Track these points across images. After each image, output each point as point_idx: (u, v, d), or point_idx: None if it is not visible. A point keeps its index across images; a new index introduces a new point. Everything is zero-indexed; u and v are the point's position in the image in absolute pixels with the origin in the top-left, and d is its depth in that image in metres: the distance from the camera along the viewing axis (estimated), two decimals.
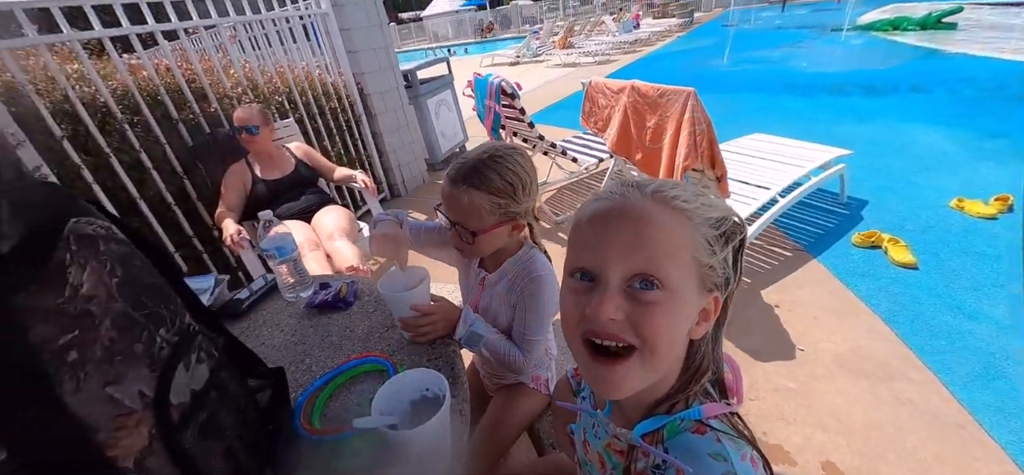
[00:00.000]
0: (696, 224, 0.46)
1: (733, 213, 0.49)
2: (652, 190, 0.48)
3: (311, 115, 3.21)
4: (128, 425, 0.43)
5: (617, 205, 0.47)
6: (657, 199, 0.47)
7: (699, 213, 0.46)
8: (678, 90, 1.71)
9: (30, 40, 1.88)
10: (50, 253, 0.43)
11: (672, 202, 0.46)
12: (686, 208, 0.46)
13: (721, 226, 0.47)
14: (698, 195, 0.48)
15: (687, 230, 0.45)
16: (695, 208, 0.46)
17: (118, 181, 2.06)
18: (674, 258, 0.44)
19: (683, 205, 0.46)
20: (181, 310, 0.54)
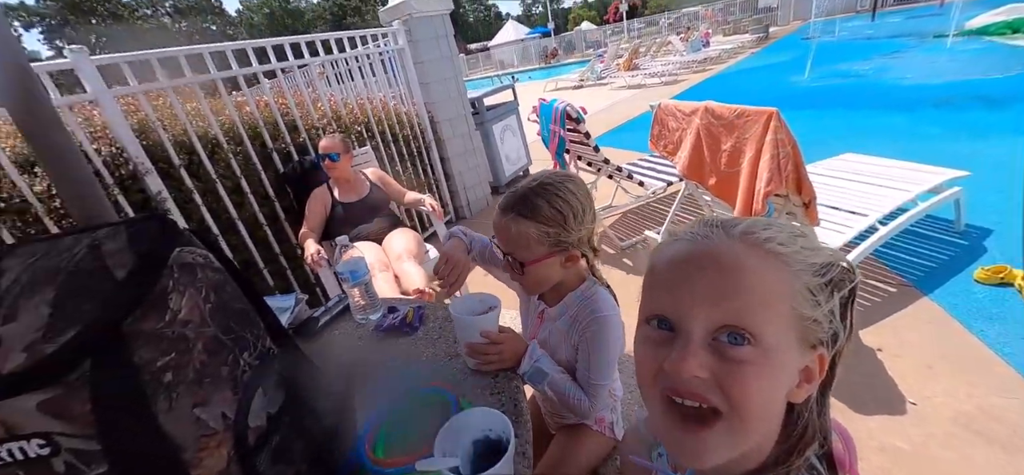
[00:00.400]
0: (796, 270, 0.40)
1: (841, 257, 0.43)
2: (741, 231, 0.42)
3: (385, 142, 3.41)
4: (210, 446, 0.46)
5: (700, 247, 0.42)
6: (747, 241, 0.41)
7: (799, 257, 0.40)
8: (758, 110, 1.59)
9: (160, 84, 2.19)
10: (156, 280, 0.47)
11: (765, 245, 0.40)
12: (783, 251, 0.40)
13: (826, 272, 0.41)
14: (797, 236, 0.42)
15: (785, 276, 0.39)
16: (793, 251, 0.40)
17: (221, 204, 2.32)
18: (769, 309, 0.38)
19: (779, 248, 0.40)
20: (263, 334, 0.58)
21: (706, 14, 22.31)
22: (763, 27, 15.01)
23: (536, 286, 0.90)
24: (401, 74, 3.76)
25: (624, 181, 3.07)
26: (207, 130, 2.36)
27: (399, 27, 3.63)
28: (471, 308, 0.85)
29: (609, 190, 3.52)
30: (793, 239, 0.41)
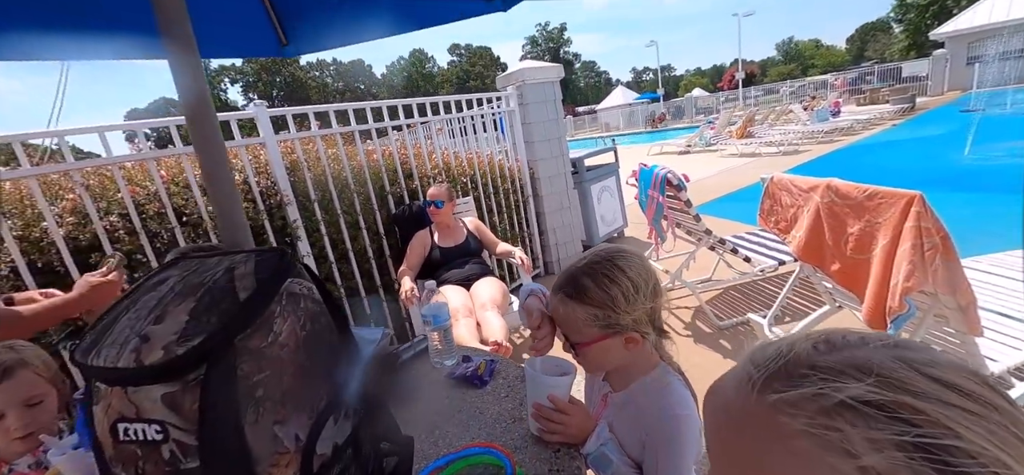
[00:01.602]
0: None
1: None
2: (763, 380, 0.32)
3: (487, 194, 3.62)
4: (281, 463, 0.50)
5: (716, 419, 0.36)
6: (771, 406, 0.30)
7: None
8: (896, 193, 1.37)
9: (311, 132, 2.62)
10: (268, 305, 0.55)
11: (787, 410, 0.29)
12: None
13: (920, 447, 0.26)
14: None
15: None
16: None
17: (341, 235, 2.64)
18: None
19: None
20: (344, 367, 0.63)
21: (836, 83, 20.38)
22: (908, 97, 13.17)
23: (597, 368, 0.85)
24: (509, 132, 4.02)
25: (728, 254, 2.83)
26: (340, 172, 2.74)
27: (512, 91, 3.92)
28: (546, 369, 0.84)
29: (709, 262, 3.26)
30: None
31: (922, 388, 0.27)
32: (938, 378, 0.28)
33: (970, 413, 0.26)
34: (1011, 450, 0.25)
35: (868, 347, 0.31)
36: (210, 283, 0.55)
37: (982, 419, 0.26)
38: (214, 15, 1.54)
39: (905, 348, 0.30)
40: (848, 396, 0.27)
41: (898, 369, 0.28)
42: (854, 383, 0.28)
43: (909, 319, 1.34)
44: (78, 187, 1.82)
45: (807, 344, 0.33)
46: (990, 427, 0.26)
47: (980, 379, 0.28)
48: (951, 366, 0.29)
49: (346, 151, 2.82)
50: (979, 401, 0.27)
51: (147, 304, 0.54)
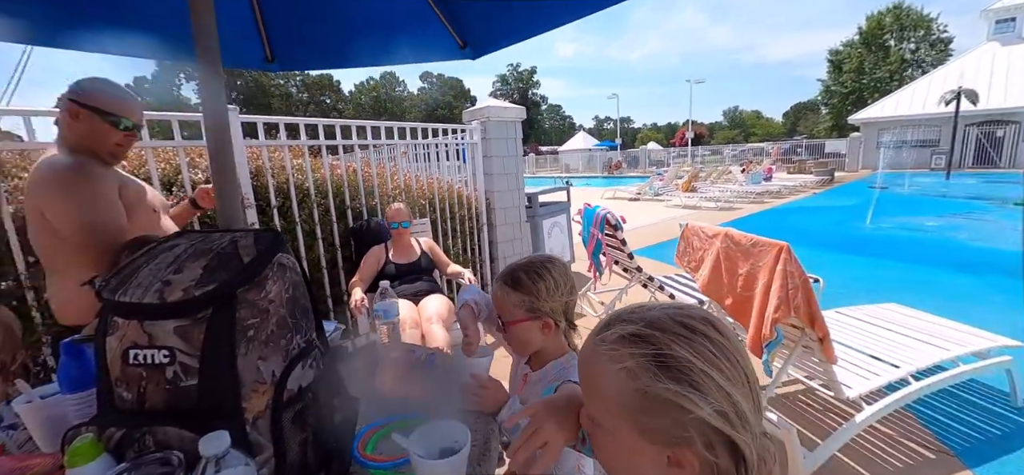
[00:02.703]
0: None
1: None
2: (597, 328, 0.57)
3: (444, 218, 3.80)
4: (259, 390, 0.66)
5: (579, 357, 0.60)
6: (598, 340, 0.55)
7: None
8: (771, 242, 1.72)
9: (280, 142, 2.72)
10: (264, 268, 0.71)
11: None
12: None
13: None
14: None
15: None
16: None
17: (296, 244, 2.71)
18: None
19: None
20: (313, 328, 0.80)
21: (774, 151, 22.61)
22: (828, 170, 14.94)
23: (520, 346, 1.07)
24: (470, 163, 4.27)
25: (656, 291, 3.16)
26: (303, 182, 2.84)
27: (477, 125, 4.19)
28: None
29: (641, 298, 3.60)
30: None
31: (666, 326, 0.51)
32: (679, 320, 0.52)
33: (685, 339, 0.50)
34: (700, 357, 0.49)
35: (656, 310, 0.55)
36: (218, 249, 0.71)
37: (690, 342, 0.50)
38: None
39: (677, 310, 0.54)
40: (626, 331, 0.52)
41: (660, 318, 0.52)
42: (632, 325, 0.53)
43: (777, 345, 1.66)
44: None
45: (628, 308, 0.57)
46: (694, 346, 0.49)
47: (708, 323, 0.52)
48: (693, 316, 0.53)
49: (311, 163, 2.93)
50: (696, 333, 0.50)
51: (165, 260, 0.69)
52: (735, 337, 0.53)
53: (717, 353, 0.49)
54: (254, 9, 1.60)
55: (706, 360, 0.48)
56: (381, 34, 1.77)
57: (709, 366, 0.48)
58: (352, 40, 1.79)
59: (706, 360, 0.48)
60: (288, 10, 1.63)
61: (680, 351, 0.48)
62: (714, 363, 0.49)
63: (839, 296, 3.61)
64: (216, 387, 0.64)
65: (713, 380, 0.48)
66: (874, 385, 1.90)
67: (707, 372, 0.48)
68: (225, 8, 1.59)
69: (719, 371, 0.48)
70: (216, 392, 0.64)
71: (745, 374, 0.51)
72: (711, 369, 0.48)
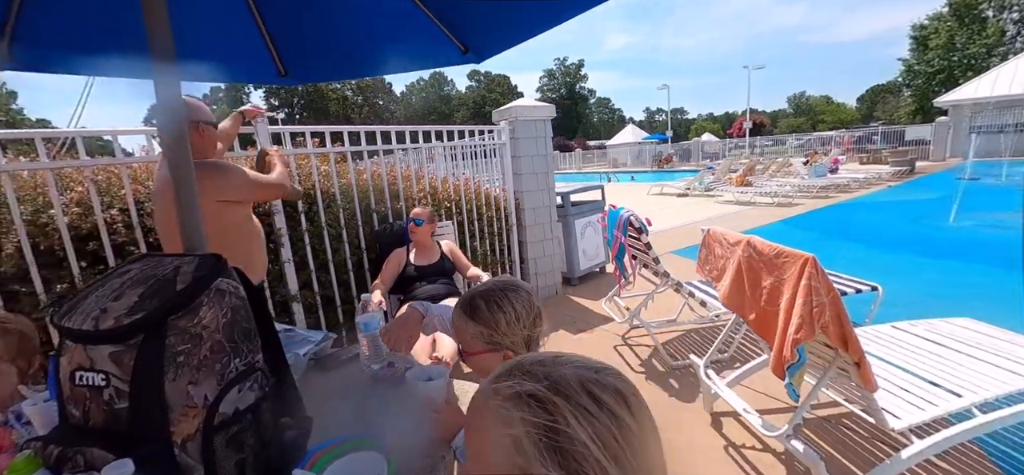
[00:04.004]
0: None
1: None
2: (496, 375, 0.49)
3: (471, 219, 3.82)
4: (189, 415, 0.68)
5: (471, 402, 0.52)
6: (491, 391, 0.47)
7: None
8: (795, 254, 1.54)
9: (309, 150, 2.85)
10: (199, 295, 0.73)
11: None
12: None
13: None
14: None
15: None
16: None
17: (323, 246, 2.83)
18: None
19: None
20: (257, 351, 0.81)
21: (844, 140, 20.71)
22: (908, 160, 13.34)
23: (482, 374, 1.02)
24: (499, 164, 4.26)
25: (689, 298, 2.98)
26: (330, 187, 2.95)
27: (505, 125, 4.17)
28: (426, 374, 1.01)
29: (674, 304, 3.41)
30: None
31: (571, 393, 0.43)
32: (588, 387, 0.43)
33: (587, 415, 0.41)
34: (598, 443, 0.40)
35: (570, 366, 0.47)
36: (160, 275, 0.74)
37: (592, 421, 0.41)
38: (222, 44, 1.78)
39: (593, 372, 0.46)
40: (524, 389, 0.44)
41: (568, 380, 0.44)
42: (533, 382, 0.44)
43: (800, 367, 1.49)
44: (87, 181, 2.04)
45: (536, 357, 0.49)
46: (597, 427, 0.41)
47: (620, 399, 0.44)
48: (606, 386, 0.44)
49: (338, 168, 3.04)
50: (602, 410, 0.42)
51: (112, 286, 0.73)
52: (649, 420, 0.45)
53: (621, 442, 0.42)
54: (259, 27, 1.66)
55: (605, 448, 0.41)
56: (383, 44, 1.79)
57: (607, 457, 0.40)
58: (356, 51, 1.83)
59: (605, 448, 0.41)
60: (292, 26, 1.69)
61: (578, 431, 0.41)
62: (615, 454, 0.41)
63: (903, 307, 3.22)
64: (143, 411, 0.66)
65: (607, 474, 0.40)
66: (928, 416, 1.66)
67: (603, 465, 0.40)
68: (234, 27, 1.68)
69: (618, 466, 0.41)
70: (143, 416, 0.66)
71: (650, 468, 0.43)
72: (609, 462, 0.40)
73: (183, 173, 1.04)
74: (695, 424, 2.20)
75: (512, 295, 0.97)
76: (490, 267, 3.89)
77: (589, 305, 4.09)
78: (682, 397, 2.48)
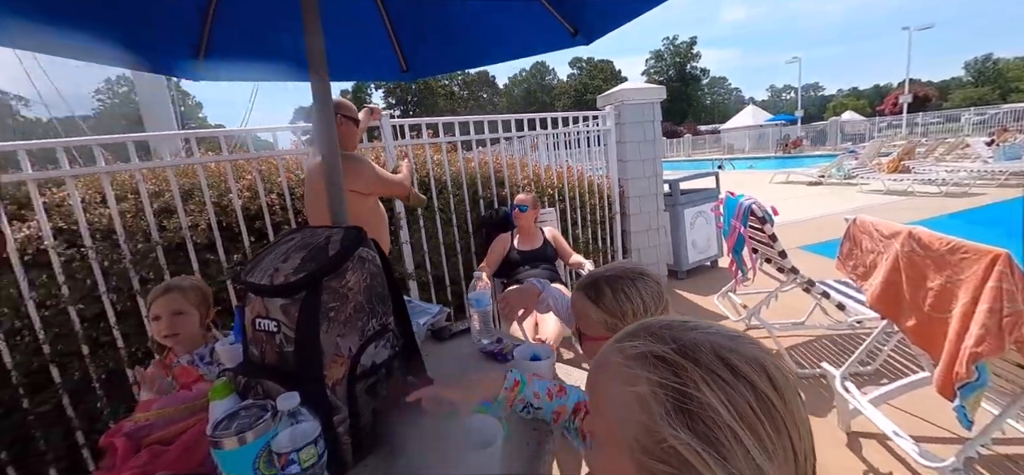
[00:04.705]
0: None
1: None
2: (621, 334, 0.49)
3: (573, 207, 3.80)
4: (338, 362, 0.79)
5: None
6: (614, 348, 0.48)
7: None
8: (980, 248, 1.25)
9: (424, 141, 3.08)
10: (346, 261, 0.84)
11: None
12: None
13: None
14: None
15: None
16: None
17: (435, 228, 3.05)
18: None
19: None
20: (389, 314, 0.91)
21: None
22: None
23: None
24: (603, 150, 4.16)
25: (823, 299, 2.61)
26: (441, 175, 3.16)
27: (610, 110, 4.05)
28: (531, 353, 1.03)
29: (803, 305, 3.01)
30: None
31: (702, 358, 0.41)
32: (722, 355, 0.41)
33: (721, 382, 0.39)
34: (733, 411, 0.38)
35: (700, 331, 0.44)
36: (316, 243, 0.86)
37: (726, 388, 0.39)
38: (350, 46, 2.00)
39: (728, 340, 0.43)
40: (651, 349, 0.43)
41: (700, 345, 0.42)
42: (660, 343, 0.43)
43: (978, 388, 1.22)
44: (254, 171, 2.47)
45: (664, 320, 0.47)
46: (730, 395, 0.39)
47: (760, 369, 0.40)
48: (744, 355, 0.41)
49: (449, 158, 3.24)
50: (739, 379, 0.39)
51: (281, 250, 0.87)
52: (795, 397, 0.41)
53: (760, 412, 0.39)
54: (387, 26, 1.83)
55: (740, 417, 0.38)
56: (496, 33, 1.85)
57: (742, 426, 0.38)
58: (470, 42, 1.92)
59: (740, 417, 0.38)
60: (414, 22, 1.83)
61: (709, 396, 0.39)
62: (751, 424, 0.38)
63: None
64: (304, 355, 0.78)
65: (742, 445, 0.38)
66: None
67: (737, 433, 0.38)
68: (367, 29, 1.87)
69: (755, 437, 0.38)
70: (304, 358, 0.78)
71: (792, 449, 0.39)
72: (744, 430, 0.38)
73: (332, 160, 1.20)
74: (826, 442, 1.93)
75: (640, 283, 0.92)
76: (591, 255, 3.83)
77: (698, 300, 3.82)
78: (810, 409, 2.20)
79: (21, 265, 1.97)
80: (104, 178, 2.12)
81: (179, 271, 2.26)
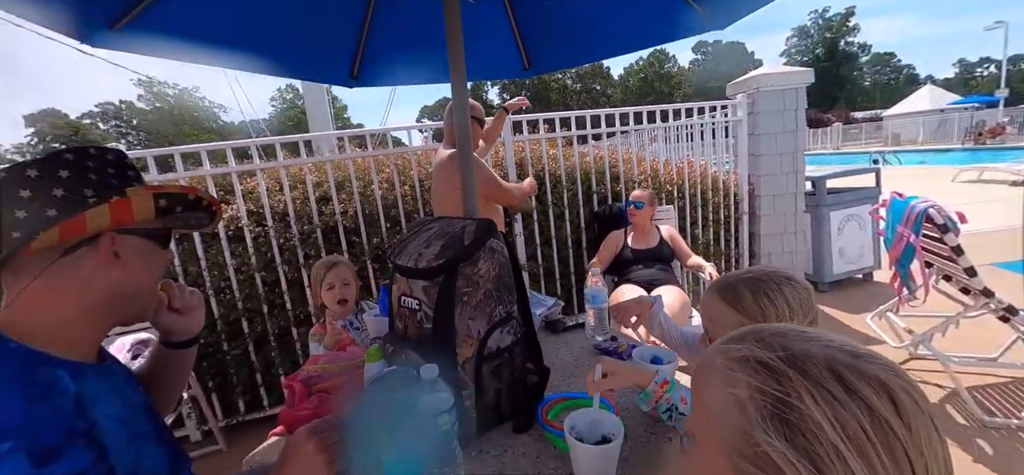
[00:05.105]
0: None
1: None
2: (729, 337, 0.48)
3: (694, 205, 3.55)
4: (468, 342, 0.86)
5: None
6: (719, 350, 0.48)
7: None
8: None
9: (540, 136, 3.15)
10: (478, 251, 0.91)
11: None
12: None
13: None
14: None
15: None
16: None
17: (548, 223, 3.11)
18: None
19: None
20: (513, 302, 0.96)
21: None
22: None
23: None
24: (730, 144, 3.80)
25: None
26: (556, 169, 3.20)
27: (742, 99, 3.68)
28: (652, 356, 1.00)
29: (996, 336, 2.40)
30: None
31: (813, 371, 0.38)
32: (838, 370, 0.38)
33: (831, 398, 0.36)
34: (839, 429, 0.35)
35: (819, 342, 0.41)
36: (453, 232, 0.95)
37: (836, 406, 0.36)
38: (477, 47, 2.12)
39: (850, 356, 0.39)
40: (755, 354, 0.42)
41: (812, 356, 0.39)
42: (767, 350, 0.41)
43: None
44: (391, 165, 2.78)
45: (777, 328, 0.46)
46: (840, 412, 0.36)
47: (883, 391, 0.37)
48: (866, 373, 0.37)
49: (564, 152, 3.26)
50: (853, 397, 0.36)
51: (423, 237, 0.98)
52: (928, 428, 0.36)
53: (874, 436, 0.35)
54: (512, 24, 1.91)
55: (848, 437, 0.35)
56: (620, 24, 1.80)
57: (849, 447, 0.35)
58: (593, 35, 1.90)
59: (848, 437, 0.35)
60: (537, 19, 1.88)
61: (812, 409, 0.36)
62: (860, 446, 0.35)
63: None
64: (441, 332, 0.87)
65: (845, 465, 0.34)
66: None
67: (841, 451, 0.34)
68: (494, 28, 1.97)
69: (864, 460, 0.34)
70: (441, 336, 0.87)
71: None
72: (850, 451, 0.34)
73: (466, 155, 1.31)
74: None
75: (787, 288, 0.83)
76: (712, 258, 3.54)
77: (844, 318, 3.29)
78: (999, 468, 1.76)
79: (226, 238, 2.51)
80: (282, 171, 2.59)
81: (332, 250, 2.67)
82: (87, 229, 0.66)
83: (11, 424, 0.54)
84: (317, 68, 2.02)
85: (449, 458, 0.77)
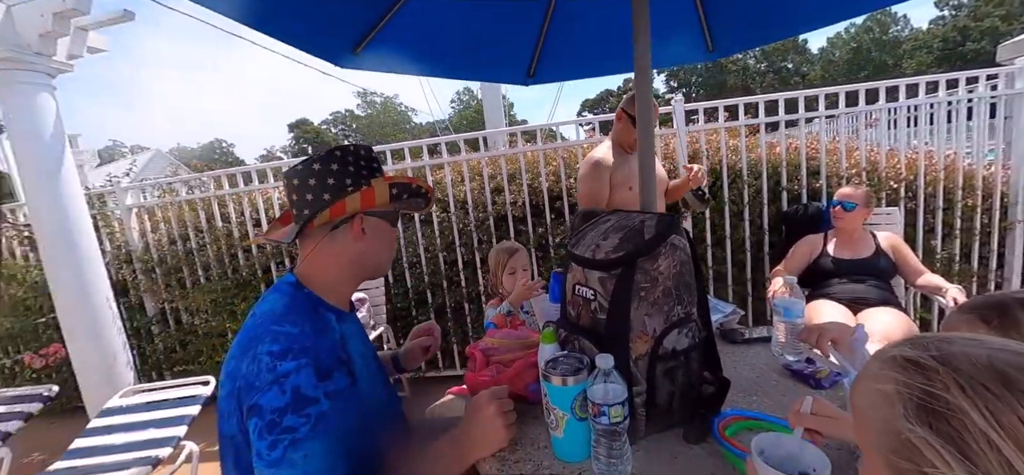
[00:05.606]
0: None
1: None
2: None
3: (931, 208, 2.77)
4: (642, 338, 0.85)
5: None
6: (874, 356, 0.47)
7: None
8: None
9: (719, 124, 2.85)
10: (660, 246, 0.89)
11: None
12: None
13: None
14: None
15: None
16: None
17: (722, 221, 2.81)
18: None
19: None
20: (693, 304, 0.90)
21: None
22: None
23: None
24: (1000, 126, 2.83)
25: None
26: (736, 163, 2.86)
27: (1022, 65, 2.70)
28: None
29: None
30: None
31: (964, 368, 0.37)
32: (998, 366, 0.36)
33: (985, 392, 0.35)
34: (992, 422, 0.34)
35: (979, 346, 0.40)
36: (631, 226, 0.94)
37: (990, 400, 0.35)
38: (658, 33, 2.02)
39: (1011, 351, 0.38)
40: (905, 354, 0.42)
41: (965, 355, 0.38)
42: (919, 351, 0.41)
43: None
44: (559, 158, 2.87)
45: (943, 334, 0.45)
46: (993, 406, 0.35)
47: None
48: None
49: (747, 143, 2.87)
50: (1013, 392, 0.35)
51: (600, 230, 0.99)
52: None
53: None
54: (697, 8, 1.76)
55: (1003, 428, 0.34)
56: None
57: (1004, 437, 0.34)
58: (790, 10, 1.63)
59: (1003, 428, 0.34)
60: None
61: (960, 400, 0.36)
62: (1017, 437, 0.33)
63: None
64: (615, 325, 0.87)
65: (1000, 455, 0.33)
66: None
67: (993, 441, 0.34)
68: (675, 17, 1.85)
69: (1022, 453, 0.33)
70: (614, 328, 0.88)
71: None
72: (1006, 442, 0.33)
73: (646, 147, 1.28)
74: None
75: None
76: (958, 278, 2.70)
77: None
78: None
79: (418, 222, 2.97)
80: (464, 164, 2.94)
81: (501, 238, 2.91)
82: (346, 211, 0.86)
83: (307, 345, 0.76)
84: (498, 69, 2.22)
85: (618, 451, 0.78)
